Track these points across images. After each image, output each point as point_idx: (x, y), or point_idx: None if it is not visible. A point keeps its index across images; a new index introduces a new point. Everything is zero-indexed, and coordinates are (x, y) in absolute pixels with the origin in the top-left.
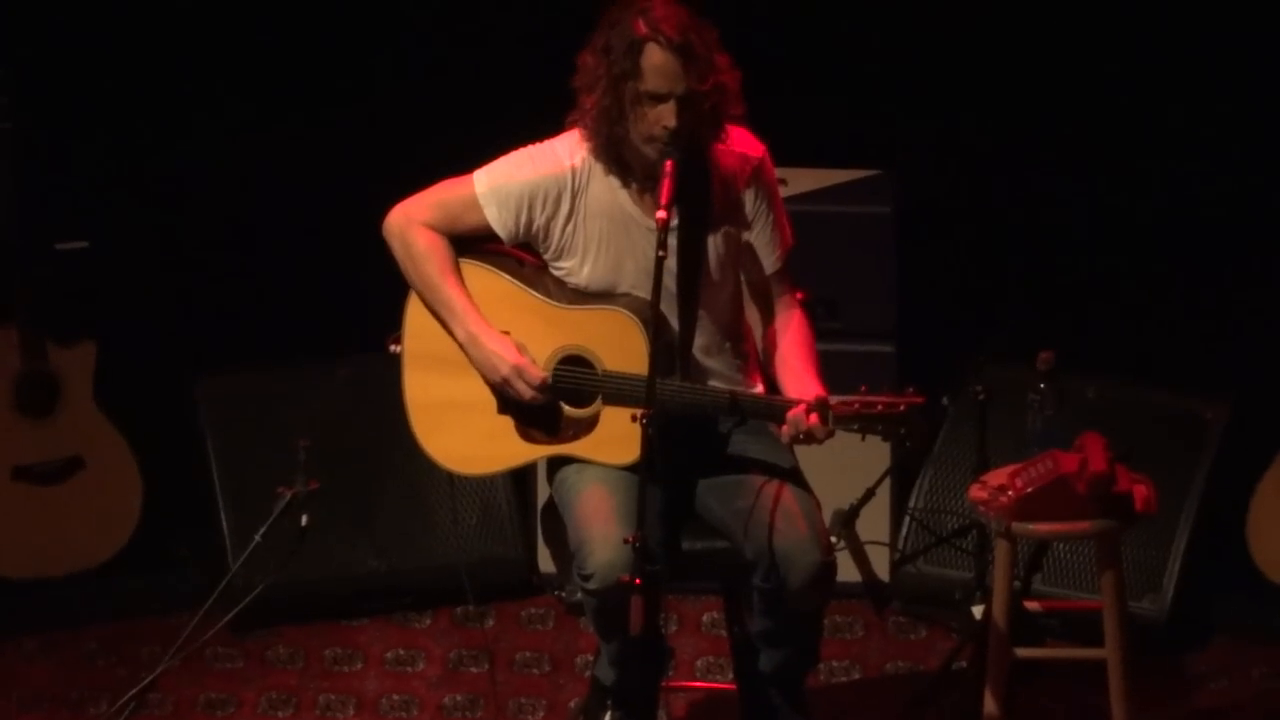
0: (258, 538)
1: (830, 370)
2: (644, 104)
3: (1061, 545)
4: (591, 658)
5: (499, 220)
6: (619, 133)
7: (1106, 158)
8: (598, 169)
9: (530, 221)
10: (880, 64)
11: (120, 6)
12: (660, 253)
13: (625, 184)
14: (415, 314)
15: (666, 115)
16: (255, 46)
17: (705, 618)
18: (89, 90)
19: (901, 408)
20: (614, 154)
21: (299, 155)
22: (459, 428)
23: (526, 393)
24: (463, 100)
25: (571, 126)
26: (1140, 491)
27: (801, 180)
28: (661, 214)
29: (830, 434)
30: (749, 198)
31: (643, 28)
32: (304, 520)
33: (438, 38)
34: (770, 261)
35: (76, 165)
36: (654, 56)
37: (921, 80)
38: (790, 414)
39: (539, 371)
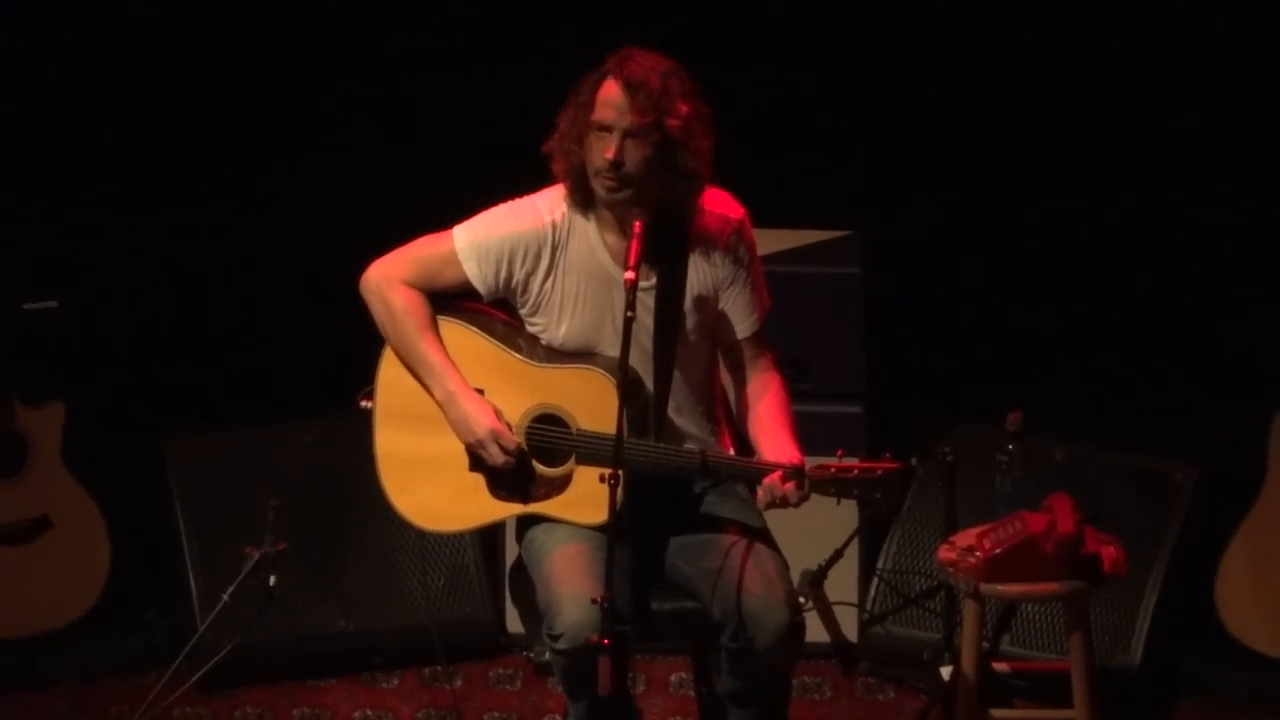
0: (225, 598)
1: (799, 431)
2: (592, 134)
3: (1030, 606)
4: (560, 718)
5: (478, 275)
6: (576, 163)
7: (1076, 219)
8: (577, 223)
9: (510, 276)
10: (849, 124)
11: (88, 67)
12: (629, 313)
13: (602, 235)
14: (388, 370)
15: (607, 147)
16: (221, 108)
17: (673, 678)
18: (58, 151)
19: (878, 473)
20: (580, 184)
21: (267, 218)
22: (429, 485)
23: (500, 458)
24: (427, 161)
25: (545, 149)
26: (1109, 553)
27: (771, 240)
28: (629, 275)
29: (805, 499)
30: (728, 260)
31: (611, 64)
32: (272, 580)
33: (404, 100)
34: (748, 324)
35: (45, 225)
36: (607, 89)
37: (891, 141)
38: (765, 480)
39: (514, 438)
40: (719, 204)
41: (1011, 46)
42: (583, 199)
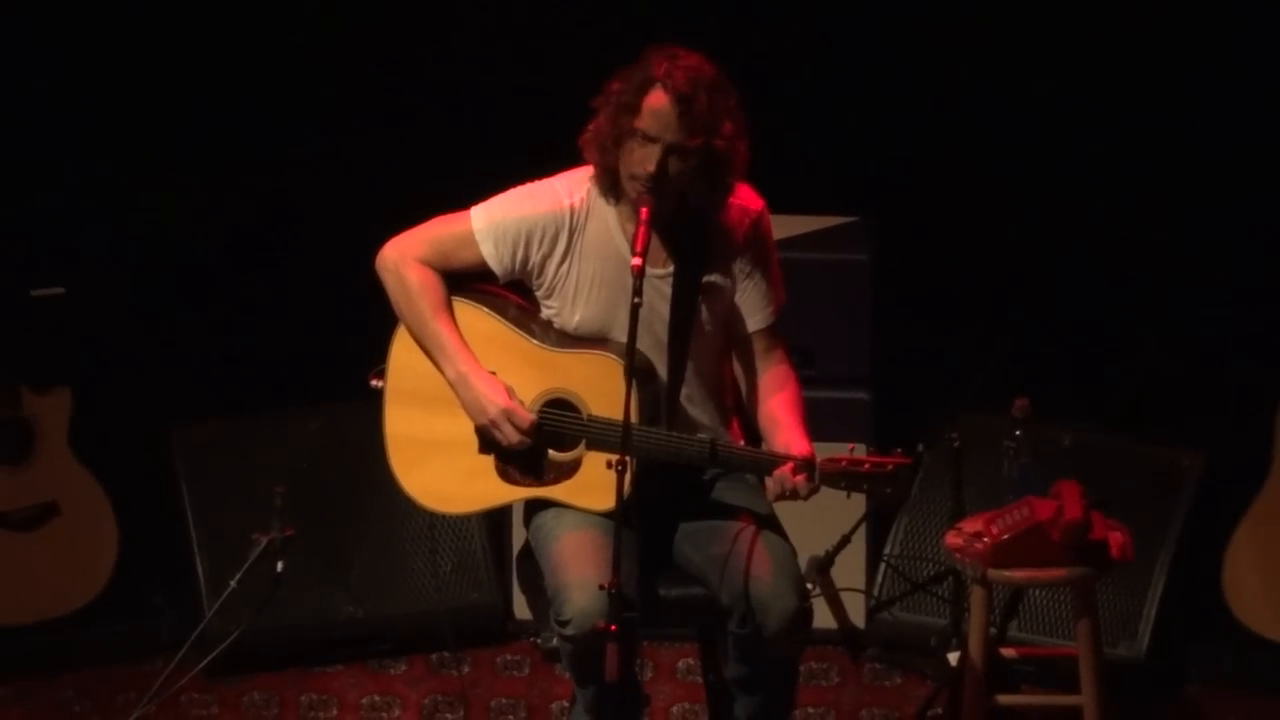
0: (233, 584)
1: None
2: (634, 140)
3: (1037, 592)
4: (567, 704)
5: (494, 257)
6: (610, 161)
7: (1084, 206)
8: (597, 208)
9: (526, 259)
10: (858, 111)
11: (96, 53)
12: (636, 299)
13: (621, 222)
14: (400, 350)
15: (649, 158)
16: (224, 96)
17: (681, 664)
18: (65, 138)
19: (889, 467)
20: (611, 179)
21: (273, 204)
22: (439, 466)
23: (514, 436)
24: (433, 147)
25: (581, 141)
26: (1116, 539)
27: (778, 227)
28: (636, 261)
29: (815, 491)
30: (746, 252)
31: (659, 70)
32: (279, 567)
33: (413, 83)
34: (764, 316)
35: (52, 212)
36: (655, 99)
37: (898, 127)
38: (776, 472)
39: (528, 415)
40: (739, 195)
41: (1018, 33)
42: (610, 190)
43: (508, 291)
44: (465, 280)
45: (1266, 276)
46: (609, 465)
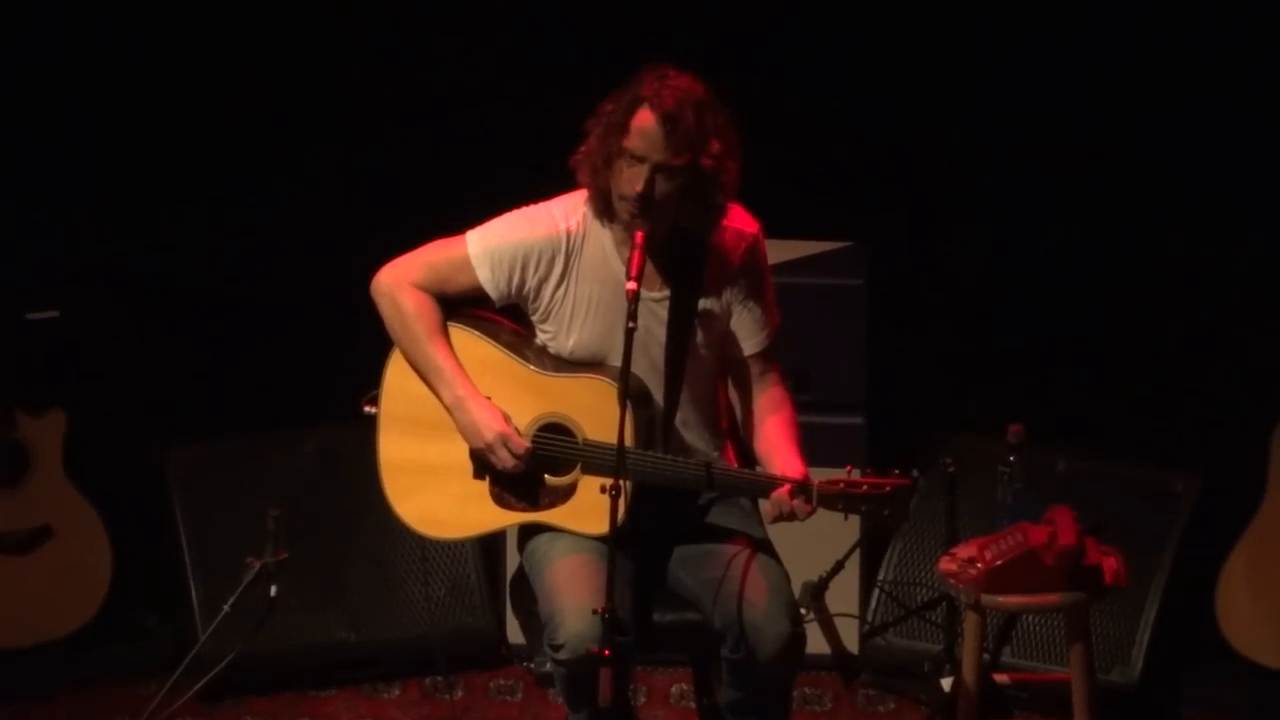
0: (226, 608)
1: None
2: (623, 160)
3: (1030, 617)
4: None
5: (491, 281)
6: (602, 182)
7: (1078, 232)
8: (593, 231)
9: (522, 283)
10: (854, 136)
11: (90, 77)
12: (630, 324)
13: (617, 245)
14: (394, 375)
15: (637, 178)
16: (218, 118)
17: (674, 689)
18: (60, 161)
19: (887, 489)
20: (604, 200)
21: (267, 228)
22: (433, 491)
23: (509, 461)
24: (429, 170)
25: (572, 162)
26: (1109, 564)
27: (774, 251)
28: (631, 285)
29: (813, 513)
30: (741, 275)
31: (648, 89)
32: (273, 590)
33: (408, 105)
34: (759, 340)
35: (47, 235)
36: (642, 118)
37: (895, 153)
38: (774, 495)
39: (523, 441)
40: (735, 218)
41: (1015, 62)
42: (603, 212)
43: (501, 316)
44: (458, 305)
45: (1260, 300)
46: (604, 490)
